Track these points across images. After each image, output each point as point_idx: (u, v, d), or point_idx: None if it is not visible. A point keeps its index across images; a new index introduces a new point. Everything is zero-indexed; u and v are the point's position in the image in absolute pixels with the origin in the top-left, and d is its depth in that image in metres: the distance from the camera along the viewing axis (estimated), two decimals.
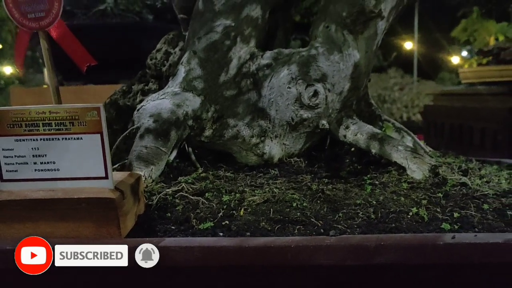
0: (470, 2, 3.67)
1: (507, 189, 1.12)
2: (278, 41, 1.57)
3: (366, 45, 1.40)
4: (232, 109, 1.33)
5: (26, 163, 0.89)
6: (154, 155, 1.15)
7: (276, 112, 1.32)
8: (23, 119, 0.88)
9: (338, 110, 1.36)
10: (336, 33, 1.38)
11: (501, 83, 3.90)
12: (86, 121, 0.88)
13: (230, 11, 1.35)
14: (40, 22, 0.95)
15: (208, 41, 1.34)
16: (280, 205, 0.99)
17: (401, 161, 1.19)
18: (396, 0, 1.41)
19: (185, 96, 1.26)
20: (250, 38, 1.39)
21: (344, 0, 1.38)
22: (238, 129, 1.31)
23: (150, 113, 1.21)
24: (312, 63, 1.33)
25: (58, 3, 0.93)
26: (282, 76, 1.33)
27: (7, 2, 0.93)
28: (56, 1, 0.93)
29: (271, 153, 1.33)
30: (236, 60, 1.36)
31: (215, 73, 1.33)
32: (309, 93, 1.31)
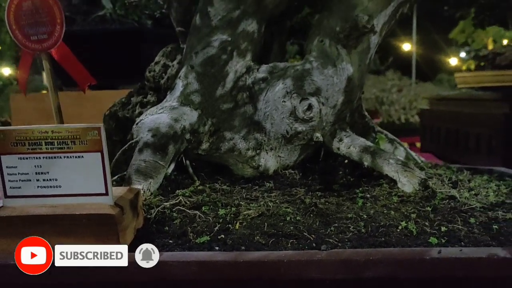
0: (463, 7, 3.65)
1: (494, 202, 1.15)
2: (274, 54, 1.60)
3: (359, 59, 1.44)
4: (228, 122, 1.37)
5: (29, 180, 0.93)
6: (153, 169, 1.19)
7: (271, 125, 1.36)
8: (27, 138, 0.92)
9: (332, 123, 1.40)
10: (330, 48, 1.42)
11: (496, 88, 3.94)
12: (87, 140, 0.91)
13: (227, 26, 1.38)
14: (42, 44, 0.99)
15: (205, 56, 1.37)
16: (274, 219, 1.03)
17: (392, 174, 1.23)
18: (389, 15, 1.45)
19: (183, 110, 1.30)
20: (246, 52, 1.43)
21: (338, 15, 1.42)
22: (234, 142, 1.34)
23: (148, 128, 1.24)
24: (307, 77, 1.37)
25: (60, 26, 0.97)
26: (277, 90, 1.37)
27: (10, 24, 0.97)
28: (58, 24, 0.97)
29: (267, 165, 1.37)
30: (233, 74, 1.39)
31: (212, 87, 1.37)
32: (303, 106, 1.34)
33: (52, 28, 0.97)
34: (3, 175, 0.93)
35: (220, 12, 1.38)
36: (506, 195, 1.23)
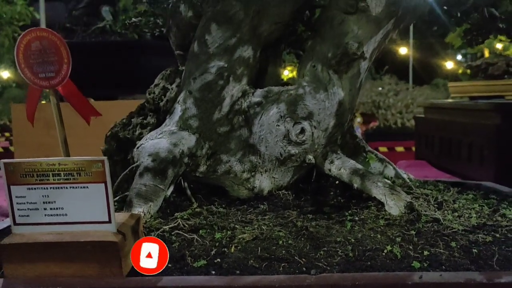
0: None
1: (476, 224, 1.22)
2: (269, 76, 1.67)
3: (350, 83, 1.50)
4: (225, 145, 1.43)
5: (37, 209, 0.99)
6: (153, 193, 1.25)
7: (266, 148, 1.42)
8: (35, 170, 0.98)
9: (324, 145, 1.46)
10: (322, 73, 1.49)
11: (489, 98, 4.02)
12: (91, 172, 0.97)
13: (223, 53, 1.45)
14: (50, 81, 1.05)
15: (202, 82, 1.44)
16: (267, 242, 1.09)
17: (380, 197, 1.29)
18: (378, 41, 1.52)
19: (181, 135, 1.36)
20: (242, 77, 1.49)
21: (330, 42, 1.49)
22: (230, 165, 1.41)
23: (148, 152, 1.31)
24: (300, 102, 1.44)
25: (67, 65, 1.03)
26: (272, 114, 1.43)
27: (19, 63, 1.03)
28: (65, 63, 1.03)
29: (261, 186, 1.43)
30: (229, 98, 1.46)
31: (209, 112, 1.43)
32: (296, 130, 1.41)
33: (59, 67, 1.03)
34: (13, 204, 0.99)
35: (217, 40, 1.44)
36: (488, 216, 1.30)
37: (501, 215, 1.31)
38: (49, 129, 3.81)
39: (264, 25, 1.49)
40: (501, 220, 1.27)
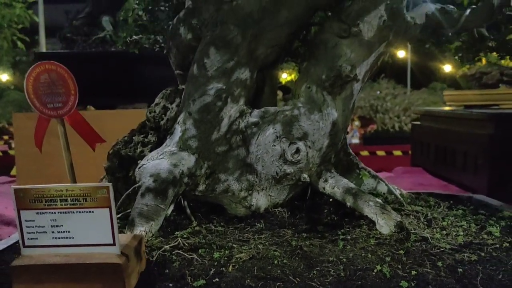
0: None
1: (462, 242, 1.28)
2: (266, 95, 1.72)
3: (343, 104, 1.56)
4: (223, 164, 1.49)
5: (45, 232, 1.05)
6: (154, 212, 1.31)
7: (262, 167, 1.48)
8: (43, 196, 1.04)
9: (318, 164, 1.52)
10: (317, 94, 1.55)
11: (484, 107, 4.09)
12: (97, 198, 1.03)
13: (222, 76, 1.51)
14: (58, 111, 1.11)
15: (201, 103, 1.50)
16: (263, 262, 1.15)
17: (372, 216, 1.35)
18: (370, 64, 1.58)
19: (181, 156, 1.42)
20: (239, 98, 1.55)
21: (324, 64, 1.55)
22: (228, 184, 1.47)
23: (150, 173, 1.36)
24: (295, 122, 1.50)
25: (74, 97, 1.09)
26: (268, 135, 1.49)
27: (29, 93, 1.09)
28: (72, 95, 1.09)
29: (258, 204, 1.49)
30: (227, 119, 1.52)
31: (208, 132, 1.49)
32: (291, 150, 1.47)
33: (66, 98, 1.09)
34: (22, 227, 1.05)
35: (216, 63, 1.50)
36: (475, 234, 1.36)
37: (487, 232, 1.37)
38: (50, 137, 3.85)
39: (261, 48, 1.55)
40: (487, 238, 1.33)
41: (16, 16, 10.36)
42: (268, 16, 1.49)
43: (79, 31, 3.88)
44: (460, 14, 1.67)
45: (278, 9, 1.49)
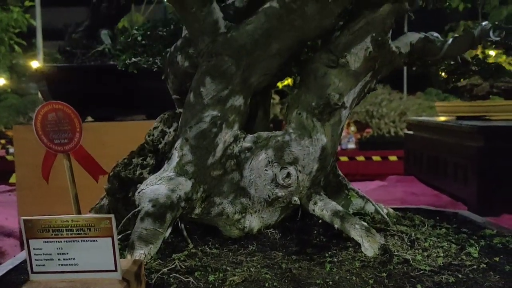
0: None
1: (442, 264, 1.37)
2: (259, 119, 1.81)
3: (332, 130, 1.65)
4: (218, 188, 1.58)
5: (52, 259, 1.13)
6: (153, 236, 1.39)
7: (255, 191, 1.57)
8: (51, 226, 1.12)
9: (308, 188, 1.61)
10: (307, 120, 1.63)
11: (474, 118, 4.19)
12: (100, 228, 1.11)
13: (217, 104, 1.59)
14: (64, 147, 1.20)
15: (198, 130, 1.58)
16: (255, 285, 1.23)
17: (357, 238, 1.44)
18: (357, 92, 1.67)
19: (178, 181, 1.50)
20: (234, 123, 1.63)
21: (313, 92, 1.64)
22: (223, 207, 1.55)
23: (149, 198, 1.45)
24: (286, 148, 1.58)
25: (79, 134, 1.18)
26: (261, 160, 1.58)
27: (37, 130, 1.17)
28: (77, 132, 1.17)
29: (251, 226, 1.57)
30: (222, 144, 1.60)
31: (204, 157, 1.57)
32: (283, 174, 1.55)
33: (72, 135, 1.18)
34: (31, 255, 1.13)
35: (211, 92, 1.59)
36: (455, 255, 1.45)
37: (466, 253, 1.46)
38: None
39: (254, 76, 1.63)
40: (466, 259, 1.42)
41: (13, 20, 10.42)
42: (261, 48, 1.58)
43: (78, 44, 3.95)
44: (443, 43, 1.76)
45: (270, 42, 1.57)
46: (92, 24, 4.05)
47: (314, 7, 1.50)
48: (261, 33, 1.57)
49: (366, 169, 7.65)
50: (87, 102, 3.99)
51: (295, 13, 1.53)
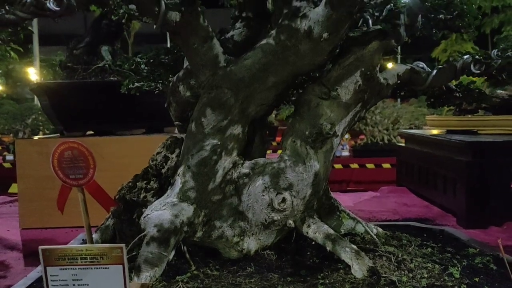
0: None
1: (425, 285, 1.48)
2: (256, 144, 1.92)
3: (325, 157, 1.77)
4: (218, 212, 1.69)
5: (67, 285, 1.24)
6: (158, 259, 1.50)
7: (253, 215, 1.68)
8: (66, 254, 1.23)
9: (302, 211, 1.72)
10: (301, 148, 1.75)
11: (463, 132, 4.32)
12: (112, 256, 1.22)
13: (217, 133, 1.71)
14: (78, 181, 1.30)
15: (199, 158, 1.69)
16: None
17: (348, 261, 1.55)
18: (348, 122, 1.79)
19: (181, 207, 1.61)
20: (232, 150, 1.75)
21: (307, 121, 1.76)
22: (223, 230, 1.66)
23: (154, 223, 1.56)
24: (281, 174, 1.70)
25: (93, 170, 1.28)
26: (258, 185, 1.69)
27: (54, 166, 1.28)
28: (91, 168, 1.28)
29: (249, 247, 1.69)
30: (222, 170, 1.71)
31: (205, 183, 1.68)
32: (278, 200, 1.67)
33: (86, 171, 1.29)
34: (48, 281, 1.24)
35: (212, 122, 1.70)
36: (438, 275, 1.56)
37: (449, 274, 1.58)
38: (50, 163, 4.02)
39: (251, 107, 1.75)
40: (448, 280, 1.53)
41: None
42: (258, 81, 1.70)
43: (79, 60, 4.06)
44: (428, 73, 1.88)
45: (267, 76, 1.69)
46: (92, 40, 4.15)
47: (307, 45, 1.62)
48: (258, 67, 1.68)
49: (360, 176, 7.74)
50: (88, 116, 4.10)
51: (290, 50, 1.64)
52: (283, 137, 1.82)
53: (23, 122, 9.46)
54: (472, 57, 1.80)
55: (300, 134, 1.76)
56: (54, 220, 4.00)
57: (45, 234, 3.85)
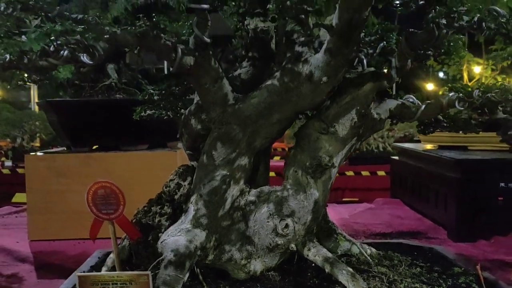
0: None
1: None
2: (260, 172, 2.10)
3: (323, 186, 1.95)
4: (227, 237, 1.87)
5: None
6: (175, 281, 1.68)
7: (258, 239, 1.86)
8: (100, 280, 1.40)
9: (303, 236, 1.90)
10: (302, 177, 1.93)
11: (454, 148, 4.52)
12: (139, 282, 1.40)
13: (226, 164, 1.89)
14: (110, 216, 1.48)
15: (210, 187, 1.87)
16: None
17: (344, 282, 1.73)
18: (344, 154, 1.97)
19: (195, 232, 1.79)
20: (240, 179, 1.93)
21: (307, 153, 1.94)
22: (231, 253, 1.84)
23: (171, 248, 1.73)
24: (284, 203, 1.88)
25: (123, 206, 1.46)
26: (263, 212, 1.87)
27: (88, 202, 1.46)
28: (121, 205, 1.46)
29: (255, 269, 1.87)
30: (230, 198, 1.89)
31: (215, 210, 1.86)
32: (282, 225, 1.85)
33: (117, 207, 1.46)
34: None
35: (222, 155, 1.88)
36: None
37: None
38: (59, 177, 4.21)
39: (257, 140, 1.93)
40: None
41: None
42: (263, 118, 1.88)
43: (86, 78, 4.23)
44: (417, 108, 2.07)
45: (271, 113, 1.87)
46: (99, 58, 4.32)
47: (308, 87, 1.81)
48: (264, 106, 1.87)
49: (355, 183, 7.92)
50: (94, 132, 4.27)
51: (293, 91, 1.83)
52: (286, 167, 2.01)
53: (21, 128, 9.59)
54: (457, 95, 1.99)
55: (301, 165, 1.94)
56: (62, 232, 4.17)
57: (54, 246, 4.01)
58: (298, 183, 1.92)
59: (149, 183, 4.15)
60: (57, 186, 4.15)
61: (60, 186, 4.15)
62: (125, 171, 4.15)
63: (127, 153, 4.22)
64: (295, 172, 1.95)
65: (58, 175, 4.13)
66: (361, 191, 7.63)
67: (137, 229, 1.56)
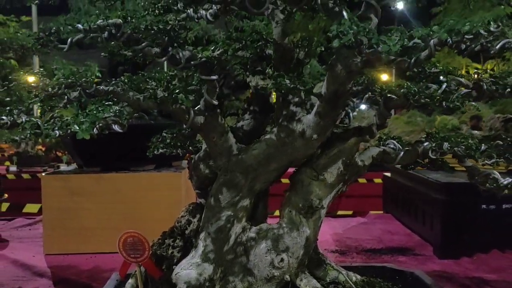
0: None
1: None
2: (259, 210, 2.41)
3: (314, 224, 2.27)
4: (231, 269, 2.18)
5: None
6: None
7: (258, 271, 2.18)
8: None
9: (296, 268, 2.22)
10: (296, 217, 2.25)
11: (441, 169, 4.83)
12: None
13: (230, 206, 2.20)
14: (137, 259, 1.80)
15: (217, 226, 2.19)
16: None
17: None
18: (332, 196, 2.29)
19: (204, 266, 2.11)
20: (242, 218, 2.24)
21: (300, 196, 2.25)
22: (235, 284, 2.16)
23: (184, 281, 2.05)
24: (280, 239, 2.19)
25: (148, 251, 1.78)
26: (262, 248, 2.18)
27: (119, 248, 1.77)
28: (146, 250, 1.77)
29: None
30: (234, 235, 2.21)
31: (221, 246, 2.18)
32: (278, 260, 2.16)
33: (143, 252, 1.78)
34: None
35: (227, 198, 2.20)
36: None
37: None
38: (73, 196, 4.52)
39: (257, 185, 2.25)
40: None
41: (10, 35, 10.90)
42: (263, 166, 2.19)
43: None
44: (397, 154, 2.38)
45: (269, 163, 2.19)
46: None
47: (301, 142, 2.12)
48: (263, 156, 2.18)
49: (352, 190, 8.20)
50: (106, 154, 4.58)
51: (288, 145, 2.14)
52: (282, 207, 2.32)
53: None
54: (430, 145, 2.30)
55: (295, 206, 2.25)
56: (75, 247, 4.49)
57: (68, 260, 4.33)
58: (292, 221, 2.24)
59: (156, 202, 4.51)
60: (71, 204, 4.48)
61: (74, 204, 4.48)
62: (134, 190, 4.47)
63: (135, 174, 4.53)
64: (289, 212, 2.26)
65: (72, 194, 4.45)
66: (357, 197, 7.91)
67: (158, 269, 1.87)
